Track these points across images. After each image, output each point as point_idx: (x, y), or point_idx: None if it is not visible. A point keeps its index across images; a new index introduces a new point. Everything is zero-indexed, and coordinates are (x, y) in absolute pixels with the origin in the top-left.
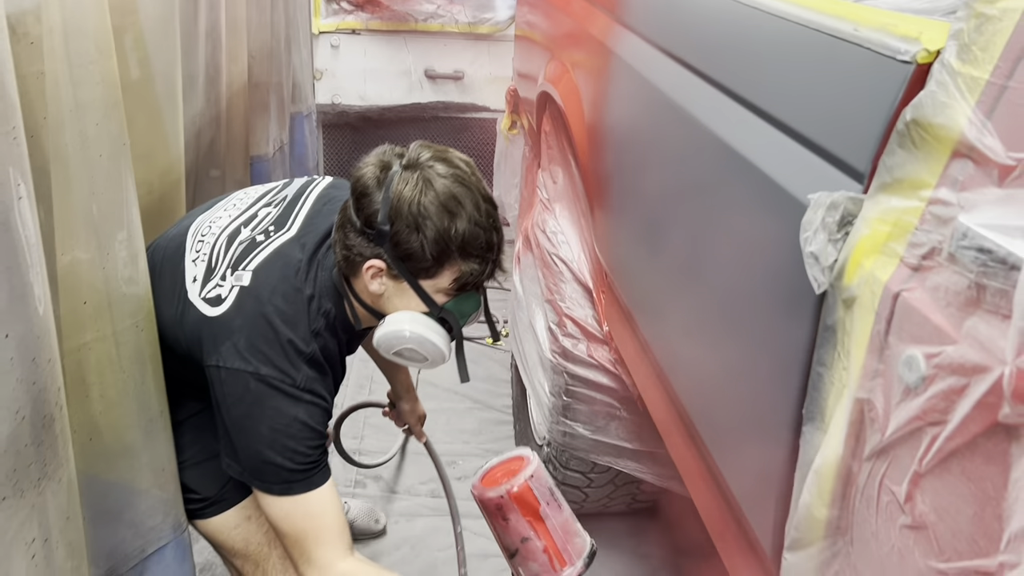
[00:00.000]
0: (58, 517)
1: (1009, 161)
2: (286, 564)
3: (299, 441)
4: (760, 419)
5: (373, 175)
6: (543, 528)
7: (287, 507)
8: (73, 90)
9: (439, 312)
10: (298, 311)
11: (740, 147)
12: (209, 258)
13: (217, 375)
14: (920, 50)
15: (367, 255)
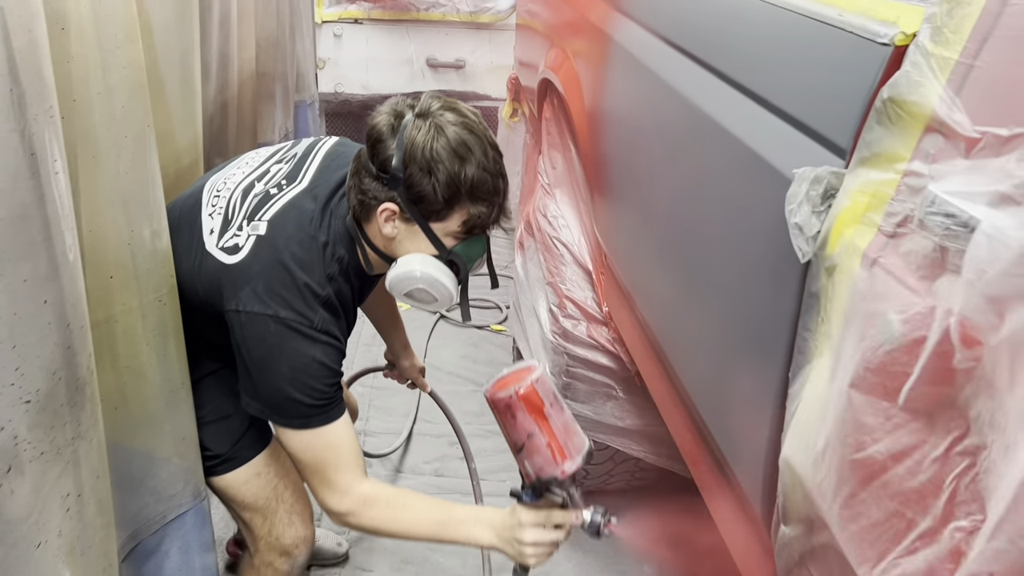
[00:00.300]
0: (89, 475)
1: (975, 134)
2: (291, 517)
3: (317, 379)
4: (750, 385)
5: (387, 123)
6: (547, 426)
7: (307, 439)
8: (101, 74)
9: (448, 255)
10: (313, 257)
11: (731, 127)
12: (225, 211)
13: (237, 319)
14: (898, 33)
15: (381, 198)
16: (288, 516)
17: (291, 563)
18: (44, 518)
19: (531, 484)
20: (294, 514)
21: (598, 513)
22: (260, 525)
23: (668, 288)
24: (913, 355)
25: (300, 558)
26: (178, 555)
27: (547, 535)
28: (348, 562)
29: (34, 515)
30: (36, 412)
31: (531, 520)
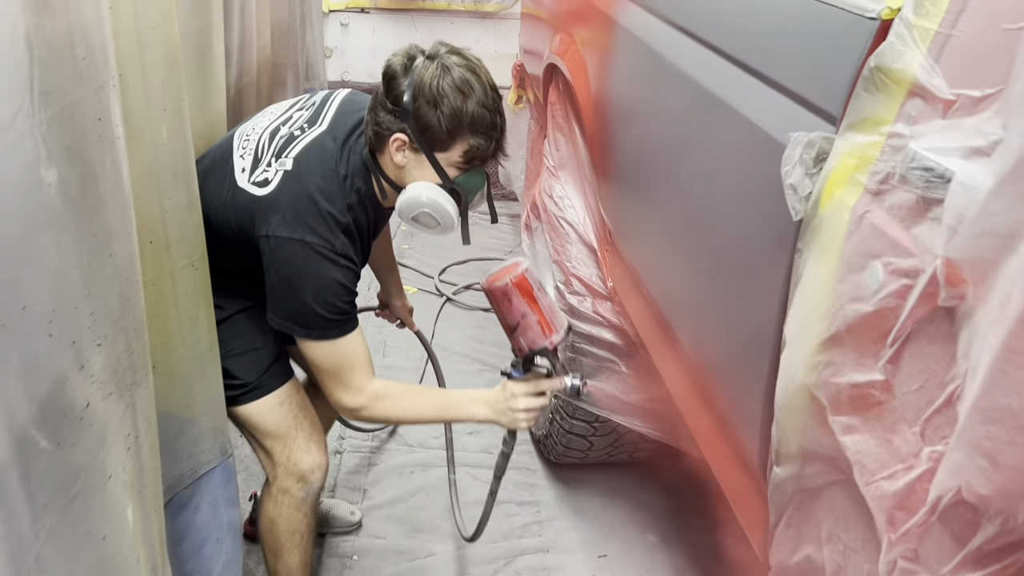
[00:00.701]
0: (143, 420)
1: (951, 96)
2: (309, 444)
3: (336, 297)
4: (748, 343)
5: (400, 63)
6: (536, 306)
7: (326, 348)
8: (139, 51)
9: (450, 184)
10: (335, 188)
11: (730, 100)
12: (255, 151)
13: (267, 243)
14: (884, 8)
15: (394, 129)
16: (306, 443)
17: (307, 489)
18: (113, 453)
19: (523, 358)
20: (312, 442)
21: (576, 377)
22: (280, 451)
23: (670, 257)
24: (900, 299)
25: (315, 484)
26: (207, 509)
27: (536, 401)
28: (361, 530)
29: (105, 449)
30: (105, 355)
31: (523, 390)
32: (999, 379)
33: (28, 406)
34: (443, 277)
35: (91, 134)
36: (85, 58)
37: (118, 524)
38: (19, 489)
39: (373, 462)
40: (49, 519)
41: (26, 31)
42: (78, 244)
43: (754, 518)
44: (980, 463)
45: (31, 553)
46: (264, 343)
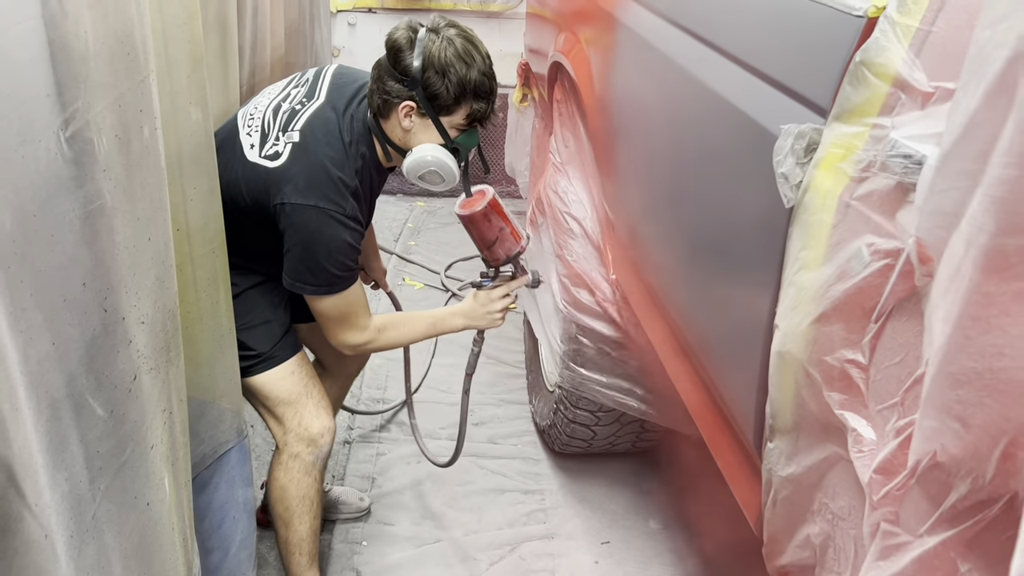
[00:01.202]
0: (176, 396)
1: (930, 89)
2: (318, 410)
3: (346, 256)
4: (742, 326)
5: (405, 37)
6: (508, 221)
7: (333, 300)
8: (167, 48)
9: (452, 143)
10: (342, 155)
11: (727, 94)
12: (261, 128)
13: (283, 210)
14: (871, 6)
15: (403, 97)
16: (315, 409)
17: (316, 453)
18: (153, 425)
19: (498, 265)
20: (320, 408)
21: (536, 274)
22: (292, 416)
23: (670, 245)
24: (882, 278)
25: (324, 448)
26: (225, 488)
27: (507, 301)
28: (371, 516)
29: (147, 420)
30: (148, 333)
31: (497, 294)
32: (965, 345)
33: (87, 375)
34: (449, 273)
35: (134, 125)
36: (130, 53)
37: (158, 492)
38: (79, 452)
39: (381, 452)
40: (104, 482)
41: (86, 29)
42: (125, 227)
43: (749, 495)
44: (952, 426)
45: (89, 512)
46: (275, 316)
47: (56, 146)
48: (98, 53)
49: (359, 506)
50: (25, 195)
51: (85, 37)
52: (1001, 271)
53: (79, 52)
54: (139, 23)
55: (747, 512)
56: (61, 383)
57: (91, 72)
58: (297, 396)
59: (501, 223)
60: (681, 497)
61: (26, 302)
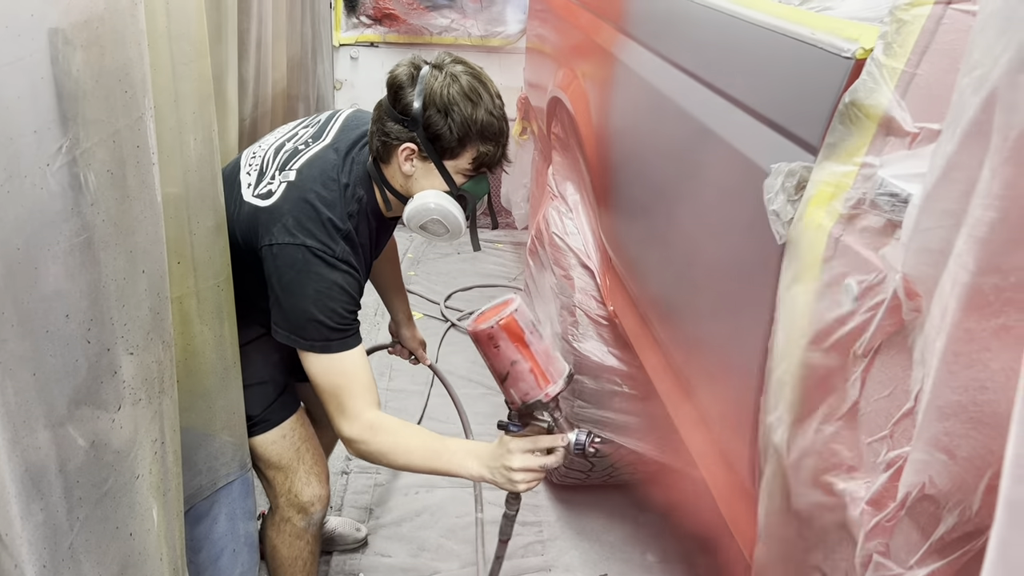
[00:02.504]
0: (169, 427)
1: (915, 129)
2: (310, 477)
3: (338, 303)
4: (735, 358)
5: (407, 73)
6: (528, 352)
7: (325, 363)
8: (173, 84)
9: (457, 191)
10: (336, 196)
11: (720, 131)
12: (260, 166)
13: (270, 252)
14: (858, 48)
15: (403, 139)
16: (307, 476)
17: (307, 520)
18: (140, 455)
19: (517, 410)
20: (312, 475)
21: (583, 433)
22: (282, 482)
23: (664, 278)
24: (871, 313)
25: (316, 515)
26: (225, 521)
27: (535, 460)
28: (368, 547)
29: (134, 450)
30: (136, 364)
31: (519, 447)
32: (949, 379)
33: (68, 406)
34: (448, 303)
35: (129, 160)
36: (127, 91)
37: (144, 522)
38: (57, 482)
39: (379, 482)
40: (83, 512)
41: (77, 66)
42: (115, 260)
43: (745, 528)
44: (940, 458)
45: (65, 542)
46: (271, 376)
47: (42, 181)
48: (91, 91)
49: (356, 537)
50: (9, 229)
51: (77, 76)
52: (981, 308)
53: (69, 90)
54: (139, 61)
55: (742, 545)
56: (40, 413)
57: (82, 110)
58: (288, 462)
59: (515, 354)
60: (678, 530)
61: (7, 333)
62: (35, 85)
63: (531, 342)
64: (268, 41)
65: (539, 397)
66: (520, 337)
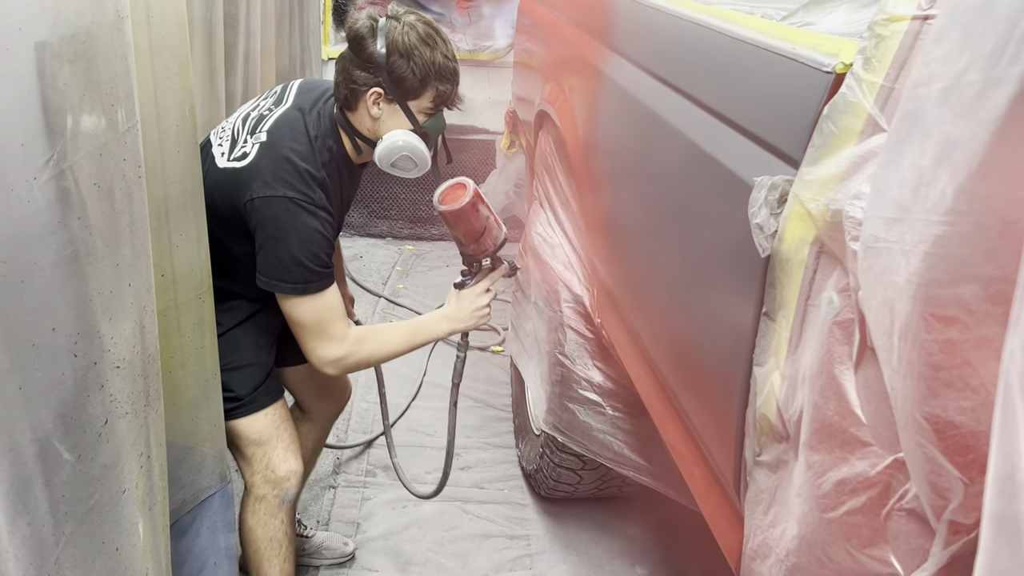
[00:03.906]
0: (155, 441)
1: None
2: (287, 453)
3: (318, 247)
4: (721, 370)
5: (367, 26)
6: (490, 210)
7: (309, 303)
8: (155, 97)
9: (421, 128)
10: (307, 148)
11: (704, 144)
12: (232, 135)
13: (252, 206)
14: (838, 63)
15: (370, 84)
16: (284, 452)
17: (281, 495)
18: (127, 469)
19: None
20: (289, 451)
21: (512, 261)
22: (260, 458)
23: (650, 290)
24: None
25: (291, 490)
26: (207, 534)
27: (490, 295)
28: (355, 562)
29: (120, 464)
30: (123, 377)
31: (481, 287)
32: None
33: (54, 420)
34: None
35: (116, 173)
36: (113, 105)
37: (130, 537)
38: (43, 497)
39: (366, 496)
40: (69, 527)
41: (64, 79)
42: (101, 274)
43: (732, 541)
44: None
45: (51, 557)
46: (259, 359)
47: (29, 194)
48: (78, 105)
49: (343, 551)
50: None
51: (64, 89)
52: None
53: (56, 104)
54: (125, 75)
55: (729, 558)
56: (27, 427)
57: (69, 123)
58: (268, 438)
59: (487, 212)
60: (667, 543)
61: None
62: (23, 98)
63: (489, 204)
64: (256, 55)
65: (503, 236)
66: (484, 199)
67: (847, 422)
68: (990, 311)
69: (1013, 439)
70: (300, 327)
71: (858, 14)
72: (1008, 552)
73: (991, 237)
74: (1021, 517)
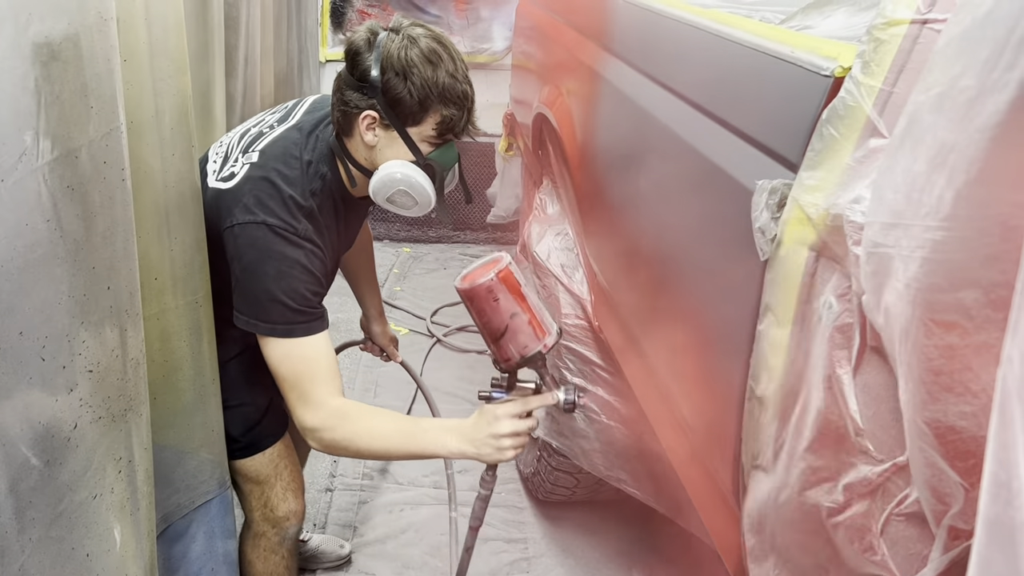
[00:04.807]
0: (138, 446)
1: None
2: (286, 493)
3: (301, 283)
4: (719, 373)
5: (364, 39)
6: (525, 304)
7: (287, 349)
8: (153, 100)
9: (424, 160)
10: (297, 174)
11: (702, 148)
12: (225, 152)
13: (231, 233)
14: (837, 67)
15: (362, 107)
16: (283, 492)
17: (282, 535)
18: (100, 475)
19: (512, 368)
20: (289, 491)
21: (570, 391)
22: (258, 497)
23: (650, 295)
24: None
25: (291, 530)
26: (203, 540)
27: (523, 424)
28: (351, 565)
29: (91, 470)
30: (97, 381)
31: (508, 411)
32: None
33: (20, 425)
34: (435, 319)
35: (95, 176)
36: (93, 107)
37: (102, 543)
38: (7, 503)
39: (364, 500)
40: (35, 532)
41: (35, 81)
42: (74, 277)
43: (729, 544)
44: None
45: (15, 564)
46: (251, 399)
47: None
48: (53, 105)
49: (339, 554)
50: None
51: (37, 89)
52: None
53: (26, 106)
54: (108, 77)
55: (727, 561)
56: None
57: (42, 124)
58: (265, 477)
59: (515, 307)
60: (665, 545)
61: None
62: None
63: (527, 294)
64: (256, 58)
65: (539, 348)
66: (518, 289)
67: (846, 427)
68: (990, 316)
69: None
70: (277, 377)
71: (856, 18)
72: (1002, 558)
73: (992, 242)
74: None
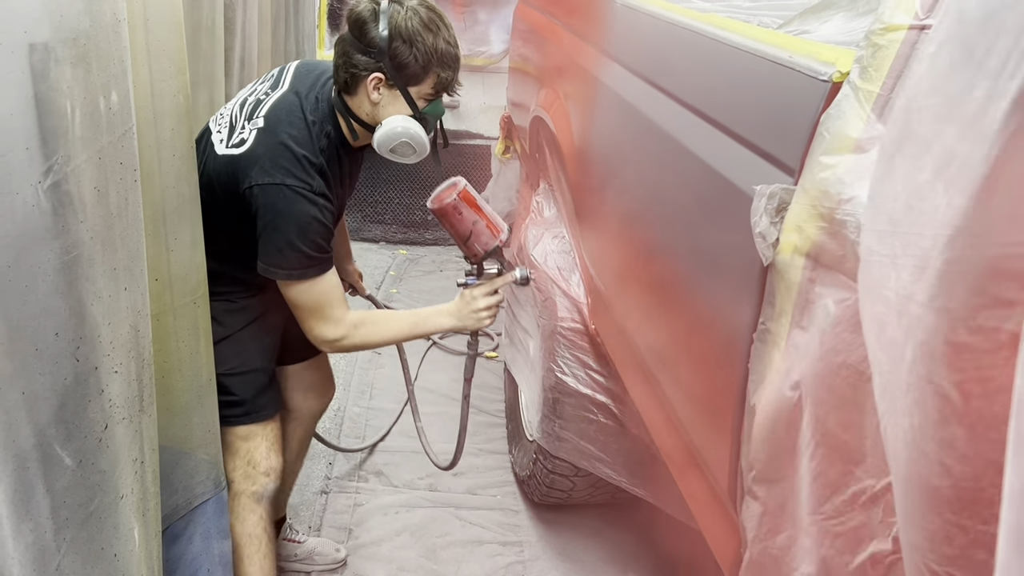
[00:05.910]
0: (148, 446)
1: None
2: (269, 451)
3: (316, 234)
4: (717, 378)
5: (369, 10)
6: (482, 214)
7: (306, 286)
8: (152, 101)
9: (420, 114)
10: (305, 134)
11: (702, 153)
12: (229, 122)
13: (251, 193)
14: (835, 71)
15: (371, 69)
16: (267, 450)
17: (259, 490)
18: (123, 475)
19: (478, 261)
20: (272, 449)
21: (524, 270)
22: (243, 455)
23: (648, 297)
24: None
25: (268, 486)
26: (200, 540)
27: (494, 299)
28: (347, 568)
29: (118, 470)
30: (121, 382)
31: (481, 292)
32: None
33: (56, 425)
34: None
35: (113, 177)
36: (111, 108)
37: (127, 543)
38: (44, 503)
39: (359, 502)
40: (70, 532)
41: (66, 83)
42: (101, 278)
43: (727, 549)
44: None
45: (52, 563)
46: (263, 364)
47: (34, 198)
48: (79, 107)
49: (335, 557)
50: (0, 245)
51: (66, 92)
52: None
53: (59, 107)
54: (122, 78)
55: (723, 566)
56: (29, 433)
57: (71, 126)
58: (254, 434)
59: (474, 216)
60: (660, 549)
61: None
62: (28, 101)
63: (482, 206)
64: (253, 59)
65: (496, 243)
66: (474, 203)
67: (847, 434)
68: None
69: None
70: (298, 308)
71: (855, 23)
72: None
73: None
74: None
